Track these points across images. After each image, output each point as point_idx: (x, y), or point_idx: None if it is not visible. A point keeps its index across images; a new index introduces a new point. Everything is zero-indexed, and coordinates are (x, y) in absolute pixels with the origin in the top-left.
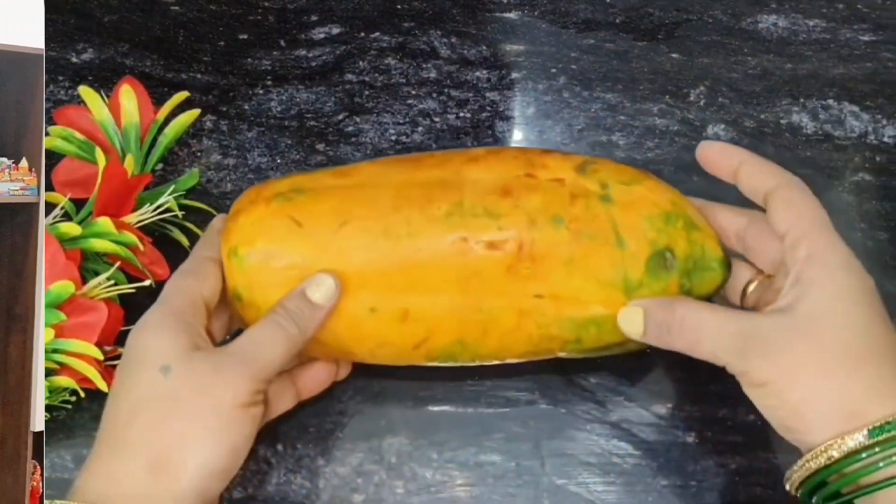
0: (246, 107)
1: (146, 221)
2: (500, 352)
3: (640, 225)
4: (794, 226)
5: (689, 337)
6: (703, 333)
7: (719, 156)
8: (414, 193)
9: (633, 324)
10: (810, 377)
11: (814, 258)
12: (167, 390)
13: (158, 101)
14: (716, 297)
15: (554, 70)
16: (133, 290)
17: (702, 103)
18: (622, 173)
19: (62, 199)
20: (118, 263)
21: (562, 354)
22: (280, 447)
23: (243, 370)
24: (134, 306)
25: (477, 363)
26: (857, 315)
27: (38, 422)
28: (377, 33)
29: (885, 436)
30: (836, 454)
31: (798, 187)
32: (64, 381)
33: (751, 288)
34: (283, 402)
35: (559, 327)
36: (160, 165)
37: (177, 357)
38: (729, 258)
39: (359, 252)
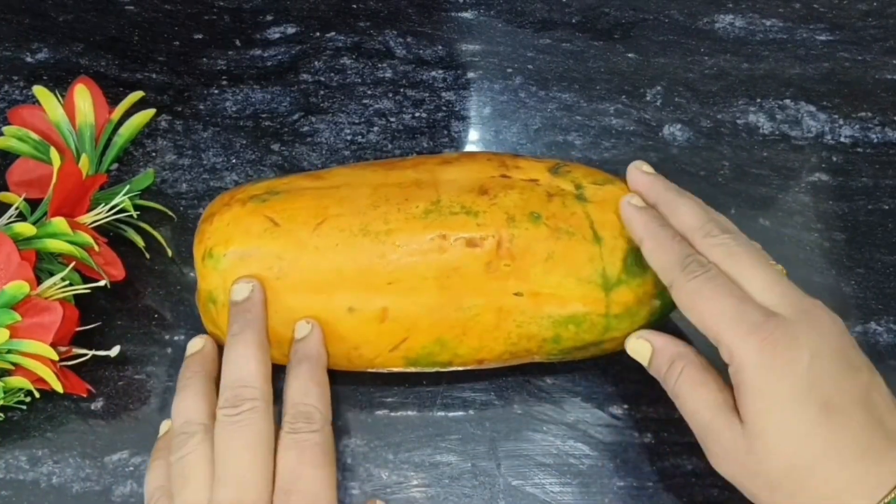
0: (201, 107)
1: (101, 222)
2: (479, 351)
3: (616, 222)
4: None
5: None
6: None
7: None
8: (391, 192)
9: (639, 353)
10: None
11: (737, 364)
12: None
13: (113, 101)
14: None
15: (510, 70)
16: (88, 291)
17: (658, 103)
18: (594, 174)
19: (17, 200)
20: (73, 264)
21: (538, 358)
22: None
23: None
24: (89, 307)
25: (455, 367)
26: (798, 423)
27: None
28: (332, 33)
29: None
30: None
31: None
32: (18, 381)
33: None
34: None
35: (538, 325)
36: (115, 165)
37: None
38: None
39: (337, 250)
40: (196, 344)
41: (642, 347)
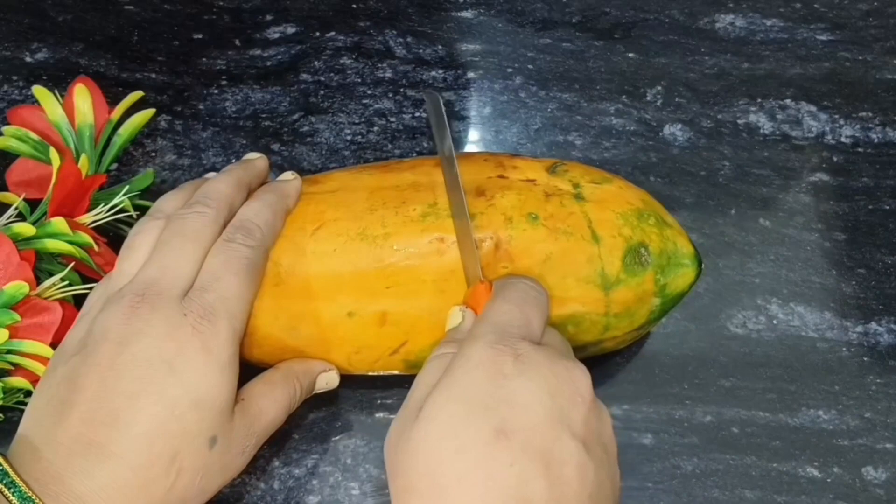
0: (201, 106)
1: (101, 222)
2: None
3: (614, 221)
4: None
5: None
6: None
7: None
8: (388, 196)
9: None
10: None
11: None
12: (203, 463)
13: (113, 101)
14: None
15: (510, 70)
16: (87, 291)
17: (659, 103)
18: (592, 173)
19: (16, 200)
20: (72, 264)
21: None
22: None
23: (257, 442)
24: None
25: None
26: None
27: None
28: (332, 33)
29: None
30: None
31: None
32: (18, 381)
33: None
34: None
35: None
36: (115, 165)
37: (223, 426)
38: (700, 256)
39: (335, 255)
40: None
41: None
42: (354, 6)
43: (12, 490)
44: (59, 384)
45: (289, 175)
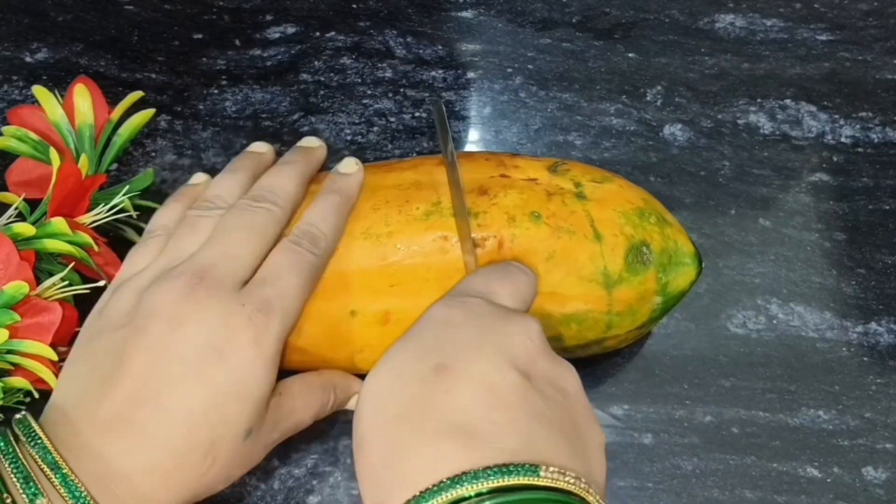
0: (201, 106)
1: (101, 222)
2: None
3: (615, 220)
4: None
5: None
6: None
7: None
8: (390, 195)
9: None
10: None
11: None
12: (236, 453)
13: (113, 101)
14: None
15: (510, 70)
16: (87, 291)
17: (659, 103)
18: (593, 172)
19: (16, 200)
20: (72, 264)
21: None
22: None
23: (279, 439)
24: (88, 307)
25: None
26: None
27: None
28: (332, 33)
29: None
30: None
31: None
32: (18, 381)
33: None
34: None
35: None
36: (115, 165)
37: (259, 419)
38: (700, 254)
39: (338, 253)
40: (259, 147)
41: None
42: (354, 6)
43: (56, 472)
44: (104, 355)
45: (352, 165)
